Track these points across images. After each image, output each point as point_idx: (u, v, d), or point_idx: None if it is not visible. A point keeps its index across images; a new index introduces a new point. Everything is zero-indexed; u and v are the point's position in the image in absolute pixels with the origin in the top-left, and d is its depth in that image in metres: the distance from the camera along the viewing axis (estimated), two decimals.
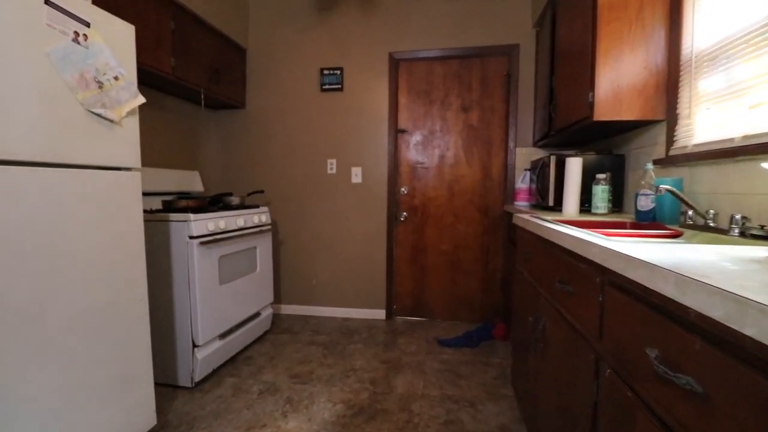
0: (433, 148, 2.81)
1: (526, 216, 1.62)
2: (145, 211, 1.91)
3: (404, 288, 2.90)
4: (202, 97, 2.51)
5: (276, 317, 2.96)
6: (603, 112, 1.58)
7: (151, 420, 1.50)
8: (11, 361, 1.01)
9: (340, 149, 2.89)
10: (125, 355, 1.37)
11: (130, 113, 1.37)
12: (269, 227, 2.53)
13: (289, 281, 3.03)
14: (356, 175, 2.87)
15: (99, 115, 1.25)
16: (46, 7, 1.09)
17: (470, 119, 2.75)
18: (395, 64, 2.79)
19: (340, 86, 2.83)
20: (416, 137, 2.83)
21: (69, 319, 1.16)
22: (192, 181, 2.63)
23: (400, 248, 2.88)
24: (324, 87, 2.85)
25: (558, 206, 1.94)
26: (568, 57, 1.89)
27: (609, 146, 2.11)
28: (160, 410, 1.71)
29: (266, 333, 2.63)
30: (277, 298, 3.06)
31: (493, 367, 2.18)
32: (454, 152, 2.79)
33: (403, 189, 2.85)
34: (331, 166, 2.90)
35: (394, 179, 2.83)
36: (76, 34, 1.18)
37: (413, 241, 2.87)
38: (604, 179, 1.68)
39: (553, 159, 2.00)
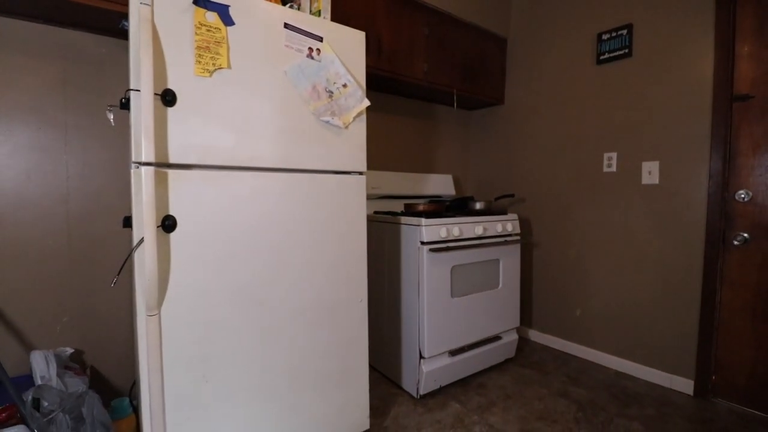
0: None
1: None
2: (384, 213, 2.01)
3: (737, 357, 1.77)
4: (455, 98, 2.43)
5: (523, 343, 2.52)
6: None
7: (364, 423, 1.50)
8: (242, 339, 1.18)
9: (623, 138, 2.10)
10: (341, 353, 1.41)
11: (357, 118, 1.40)
12: (517, 238, 2.14)
13: (544, 305, 2.50)
14: (649, 173, 2.01)
15: (327, 123, 1.33)
16: (285, 30, 1.22)
17: None
18: None
19: (626, 50, 2.05)
20: None
21: (292, 310, 1.28)
22: (444, 185, 2.61)
23: (731, 291, 1.78)
24: (602, 57, 2.15)
25: None
26: None
27: None
28: (382, 410, 1.72)
29: (508, 361, 2.25)
30: (527, 322, 2.60)
31: None
32: None
33: (741, 193, 1.74)
34: (610, 161, 2.16)
35: (722, 178, 1.77)
36: (310, 50, 1.28)
37: (762, 283, 1.70)
38: None
39: None
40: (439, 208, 1.96)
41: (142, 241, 0.98)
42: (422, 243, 1.76)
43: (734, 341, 1.77)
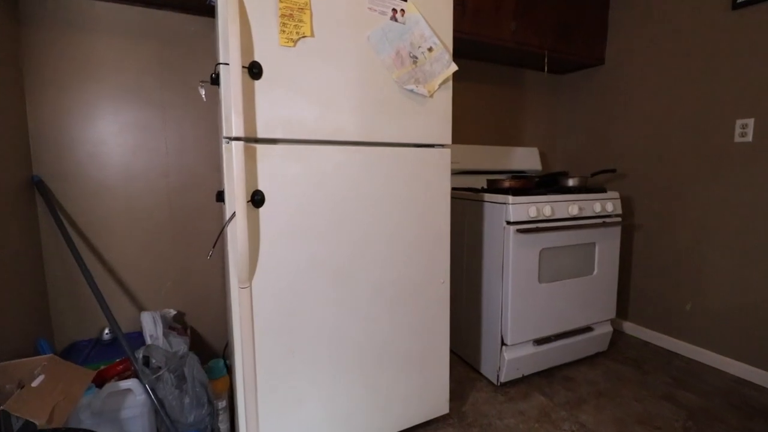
0: None
1: None
2: (464, 190, 1.88)
3: None
4: (546, 61, 2.17)
5: (616, 336, 2.27)
6: None
7: (443, 407, 1.45)
8: (326, 314, 1.17)
9: (763, 101, 1.71)
10: (422, 334, 1.36)
11: (443, 86, 1.28)
12: (618, 219, 1.89)
13: (644, 296, 2.22)
14: None
15: (411, 91, 1.23)
16: None
17: None
18: None
19: None
20: None
21: (374, 288, 1.25)
22: (529, 159, 2.38)
23: None
24: (740, 0, 1.74)
25: None
26: None
27: None
28: (459, 394, 1.66)
29: (599, 354, 2.04)
30: (621, 313, 2.33)
31: None
32: None
33: None
34: (744, 130, 1.78)
35: None
36: (394, 11, 1.18)
37: None
38: None
39: None
40: (527, 184, 1.78)
41: (234, 215, 0.99)
42: (508, 223, 1.61)
43: None
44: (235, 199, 0.98)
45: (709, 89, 1.90)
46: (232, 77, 0.94)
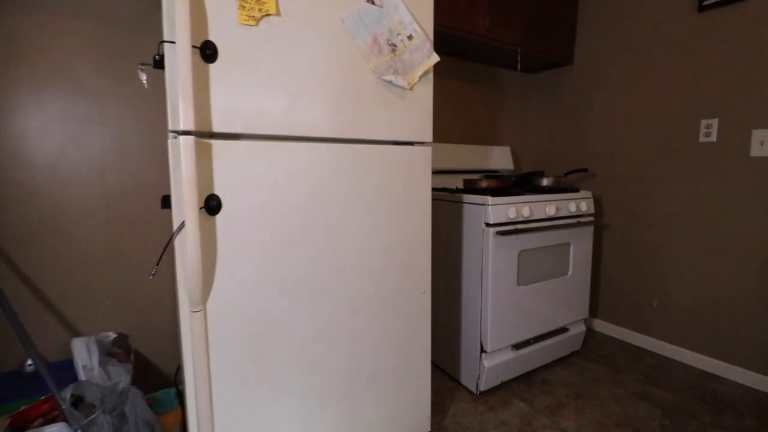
0: None
1: None
2: (438, 190, 1.79)
3: None
4: (519, 58, 2.12)
5: (587, 334, 2.29)
6: None
7: (425, 425, 1.35)
8: (296, 336, 1.03)
9: (728, 102, 1.75)
10: (402, 350, 1.25)
11: (424, 78, 1.17)
12: (591, 219, 1.88)
13: (613, 293, 2.24)
14: (761, 144, 1.67)
15: (390, 83, 1.11)
16: None
17: None
18: None
19: None
20: None
21: (350, 303, 1.12)
22: (501, 158, 2.34)
23: None
24: (706, 2, 1.77)
25: None
26: None
27: None
28: (439, 406, 1.57)
29: (573, 354, 2.03)
30: (592, 311, 2.35)
31: None
32: None
33: None
34: (708, 130, 1.82)
35: None
36: None
37: None
38: None
39: None
40: (505, 184, 1.72)
41: (183, 225, 0.82)
42: (487, 225, 1.54)
43: None
44: (185, 206, 0.81)
45: (675, 90, 1.93)
46: (179, 58, 0.78)
